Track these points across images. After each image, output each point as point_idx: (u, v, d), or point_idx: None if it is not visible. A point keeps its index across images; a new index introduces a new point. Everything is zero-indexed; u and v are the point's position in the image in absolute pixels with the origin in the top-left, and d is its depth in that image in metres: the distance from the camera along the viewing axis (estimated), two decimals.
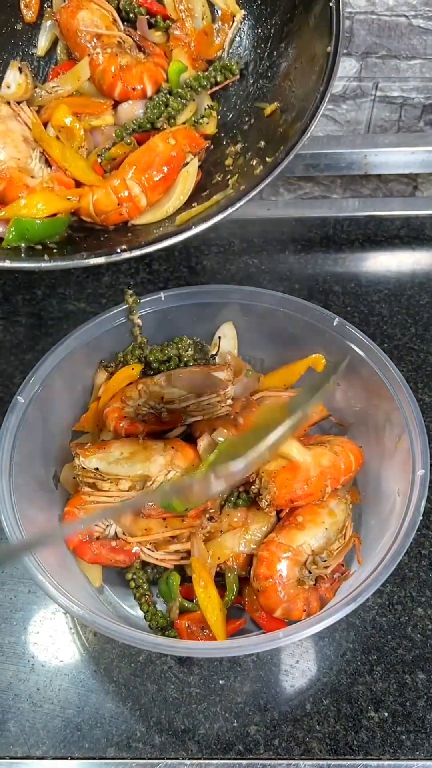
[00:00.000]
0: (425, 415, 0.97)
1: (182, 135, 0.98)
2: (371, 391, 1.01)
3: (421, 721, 0.88)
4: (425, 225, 1.47)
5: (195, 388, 1.00)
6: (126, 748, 0.87)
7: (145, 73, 1.02)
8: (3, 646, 0.95)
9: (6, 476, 0.90)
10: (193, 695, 0.90)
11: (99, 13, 1.03)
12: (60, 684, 0.92)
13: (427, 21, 1.33)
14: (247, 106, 1.01)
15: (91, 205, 0.93)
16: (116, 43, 1.03)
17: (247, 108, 1.01)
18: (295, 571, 0.89)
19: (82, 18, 1.02)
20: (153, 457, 0.95)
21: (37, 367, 1.00)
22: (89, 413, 1.07)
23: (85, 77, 1.01)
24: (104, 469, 0.95)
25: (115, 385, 1.05)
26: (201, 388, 1.00)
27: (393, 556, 0.83)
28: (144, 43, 1.06)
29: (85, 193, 0.93)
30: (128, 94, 1.01)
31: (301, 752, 0.86)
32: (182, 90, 1.01)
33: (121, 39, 1.04)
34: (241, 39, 1.04)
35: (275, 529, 0.93)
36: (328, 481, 0.94)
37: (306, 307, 1.07)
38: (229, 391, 1.01)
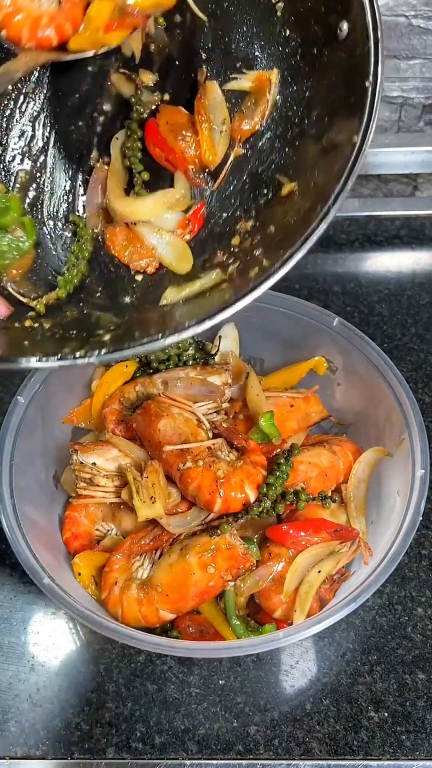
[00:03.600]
0: (425, 415, 0.97)
1: (224, 558, 0.86)
2: (371, 391, 1.02)
3: (421, 721, 0.88)
4: (425, 225, 1.47)
5: (190, 397, 1.00)
6: (126, 748, 0.87)
7: (246, 479, 0.91)
8: (3, 646, 0.95)
9: (6, 476, 0.90)
10: (193, 695, 0.90)
11: (182, 418, 0.95)
12: (60, 684, 0.92)
13: (427, 21, 1.33)
14: (267, 175, 0.89)
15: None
16: (206, 449, 0.93)
17: (268, 177, 0.88)
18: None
19: (165, 430, 0.93)
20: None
21: None
22: (80, 408, 1.07)
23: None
24: (101, 465, 0.96)
25: (109, 382, 1.05)
26: (196, 397, 1.01)
27: (393, 556, 0.83)
28: (233, 437, 0.96)
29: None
30: (229, 505, 0.90)
31: (301, 752, 0.86)
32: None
33: (212, 446, 0.94)
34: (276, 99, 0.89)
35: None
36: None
37: (306, 307, 1.07)
38: (225, 397, 1.02)
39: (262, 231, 0.86)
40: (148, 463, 0.94)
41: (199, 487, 0.90)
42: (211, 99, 0.90)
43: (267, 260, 0.76)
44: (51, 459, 1.03)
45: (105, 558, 0.94)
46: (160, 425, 0.95)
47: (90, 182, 0.92)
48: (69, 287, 0.84)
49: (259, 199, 0.89)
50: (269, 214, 0.86)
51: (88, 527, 0.98)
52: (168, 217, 0.90)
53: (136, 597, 0.87)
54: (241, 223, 0.89)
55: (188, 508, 0.94)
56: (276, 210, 0.85)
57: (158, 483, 0.91)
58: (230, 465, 0.92)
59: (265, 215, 0.87)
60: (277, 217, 0.84)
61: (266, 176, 0.88)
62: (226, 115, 0.90)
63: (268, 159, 0.89)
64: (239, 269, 0.83)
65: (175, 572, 0.86)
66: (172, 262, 0.88)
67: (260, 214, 0.88)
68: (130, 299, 0.89)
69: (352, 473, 0.98)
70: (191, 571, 0.85)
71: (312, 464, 0.97)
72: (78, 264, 0.86)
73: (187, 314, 0.79)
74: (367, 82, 0.76)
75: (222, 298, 0.78)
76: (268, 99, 0.88)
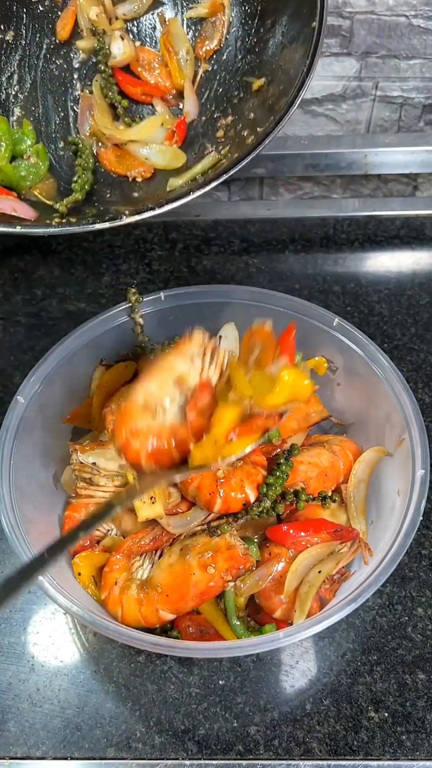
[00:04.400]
0: (425, 415, 0.97)
1: (224, 559, 0.85)
2: (371, 391, 1.01)
3: (421, 721, 0.88)
4: (425, 225, 1.47)
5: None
6: (126, 748, 0.87)
7: (245, 479, 0.92)
8: (3, 646, 0.95)
9: (6, 476, 0.90)
10: (193, 695, 0.90)
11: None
12: (60, 684, 0.92)
13: (427, 21, 1.33)
14: (236, 80, 1.03)
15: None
16: None
17: (236, 82, 1.03)
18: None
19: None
20: None
21: (37, 367, 1.00)
22: (80, 408, 1.07)
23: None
24: (101, 465, 0.96)
25: (109, 382, 1.05)
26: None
27: (393, 556, 0.83)
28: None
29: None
30: (229, 505, 0.91)
31: (301, 752, 0.86)
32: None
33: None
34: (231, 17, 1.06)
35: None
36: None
37: (306, 307, 1.07)
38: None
39: (242, 119, 0.99)
40: None
41: (199, 487, 0.90)
42: (174, 34, 1.08)
43: (260, 127, 0.90)
44: (51, 459, 1.03)
45: (105, 558, 0.94)
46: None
47: (79, 110, 1.08)
48: (83, 192, 0.99)
49: (233, 99, 1.03)
50: (245, 106, 1.00)
51: None
52: (155, 134, 1.05)
53: (136, 597, 0.87)
54: (221, 120, 1.02)
55: (188, 509, 0.94)
56: (251, 101, 0.99)
57: None
58: (230, 465, 0.92)
59: (241, 109, 1.01)
60: (254, 106, 0.97)
61: (235, 81, 1.03)
62: (188, 46, 1.07)
63: (234, 67, 1.04)
64: (233, 147, 0.96)
65: (175, 573, 0.86)
66: (166, 163, 1.03)
67: (236, 109, 1.02)
68: (138, 194, 1.03)
69: (352, 473, 0.98)
70: (191, 571, 0.85)
71: (312, 464, 0.97)
72: (85, 173, 1.01)
73: (201, 182, 0.91)
74: None
75: (229, 160, 0.92)
76: (223, 20, 1.05)
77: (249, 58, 1.03)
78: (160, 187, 1.01)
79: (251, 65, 1.02)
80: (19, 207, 0.95)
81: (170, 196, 0.88)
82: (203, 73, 1.07)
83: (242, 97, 1.02)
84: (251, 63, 1.02)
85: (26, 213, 0.95)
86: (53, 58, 1.08)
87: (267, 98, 0.95)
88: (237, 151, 0.93)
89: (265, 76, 0.98)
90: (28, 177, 1.02)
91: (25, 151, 1.04)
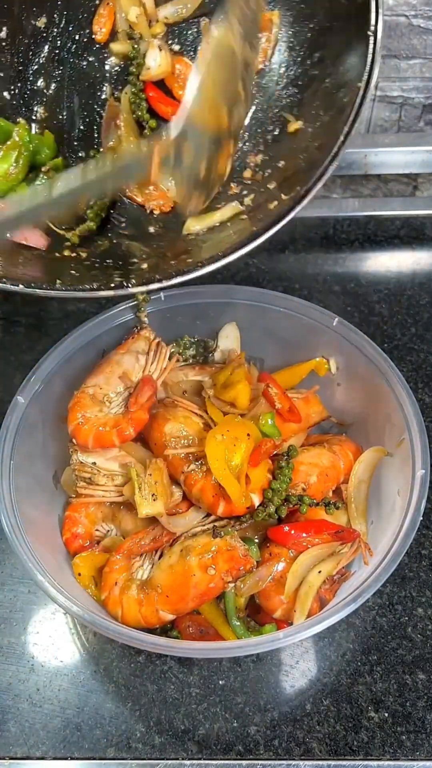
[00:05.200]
0: (425, 415, 0.97)
1: (224, 560, 0.85)
2: (371, 391, 1.01)
3: (421, 721, 0.88)
4: (425, 225, 1.47)
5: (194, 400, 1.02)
6: (126, 748, 0.87)
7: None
8: (3, 647, 0.95)
9: (6, 476, 0.90)
10: (193, 695, 0.90)
11: (187, 421, 0.97)
12: (60, 684, 0.92)
13: (427, 21, 1.33)
14: (273, 112, 0.95)
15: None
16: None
17: (274, 114, 0.95)
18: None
19: (170, 432, 0.96)
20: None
21: (37, 367, 1.00)
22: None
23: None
24: (101, 464, 0.96)
25: None
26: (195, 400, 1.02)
27: (393, 556, 0.83)
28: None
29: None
30: (233, 508, 0.90)
31: (301, 753, 0.86)
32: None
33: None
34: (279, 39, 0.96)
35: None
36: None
37: (306, 307, 1.07)
38: None
39: (272, 164, 0.92)
40: (153, 461, 0.94)
41: (203, 489, 0.90)
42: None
43: (284, 194, 0.83)
44: (51, 459, 1.03)
45: (105, 558, 0.94)
46: (166, 428, 0.95)
47: (103, 123, 0.99)
48: (97, 219, 0.92)
49: (266, 135, 0.95)
50: (278, 148, 0.92)
51: (88, 527, 0.98)
52: None
53: (136, 598, 0.87)
54: (251, 156, 0.95)
55: (188, 508, 0.94)
56: (284, 145, 0.92)
57: (161, 481, 0.91)
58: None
59: (274, 149, 0.93)
60: (286, 152, 0.91)
61: (272, 113, 0.95)
62: None
63: (273, 97, 0.95)
64: (255, 201, 0.90)
65: (176, 573, 0.86)
66: (187, 222, 0.93)
67: (269, 148, 0.94)
68: (154, 229, 0.96)
69: (352, 474, 0.98)
70: (191, 572, 0.85)
71: (312, 464, 0.97)
72: (102, 198, 0.93)
73: (214, 246, 0.85)
74: (369, 31, 0.79)
75: (245, 230, 0.85)
76: (270, 39, 0.94)
77: (290, 90, 0.94)
78: (175, 227, 0.94)
79: (291, 100, 0.94)
80: (30, 235, 0.88)
81: (179, 268, 0.80)
82: None
83: (276, 135, 0.94)
84: (292, 97, 0.94)
85: (37, 241, 0.89)
86: (86, 54, 0.99)
87: (299, 150, 0.88)
88: (261, 213, 0.86)
89: (303, 120, 0.90)
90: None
91: (43, 163, 0.95)
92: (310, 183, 0.80)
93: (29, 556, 0.85)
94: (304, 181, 0.81)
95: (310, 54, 0.91)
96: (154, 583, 0.87)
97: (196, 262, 0.80)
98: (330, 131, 0.81)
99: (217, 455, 0.88)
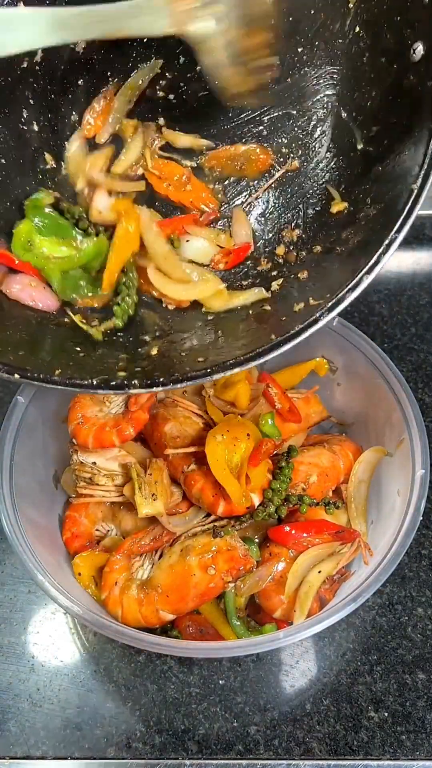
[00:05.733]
0: (425, 415, 0.97)
1: (224, 559, 0.85)
2: (371, 391, 1.01)
3: (421, 721, 0.88)
4: (425, 225, 1.47)
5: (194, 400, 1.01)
6: (126, 748, 0.87)
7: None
8: (3, 646, 0.95)
9: (6, 476, 0.90)
10: (193, 695, 0.90)
11: (188, 421, 0.97)
12: (60, 684, 0.92)
13: None
14: (318, 181, 0.85)
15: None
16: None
17: (318, 185, 0.84)
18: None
19: (170, 432, 0.96)
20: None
21: None
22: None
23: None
24: (101, 464, 0.96)
25: None
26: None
27: (393, 556, 0.83)
28: None
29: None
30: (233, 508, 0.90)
31: (301, 752, 0.86)
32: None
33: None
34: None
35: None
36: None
37: None
38: None
39: (308, 247, 0.83)
40: (153, 461, 0.94)
41: (203, 489, 0.90)
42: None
43: (313, 298, 0.73)
44: (51, 459, 1.03)
45: (105, 558, 0.94)
46: (167, 428, 0.95)
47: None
48: (125, 317, 0.82)
49: (307, 208, 0.85)
50: (317, 229, 0.83)
51: (88, 527, 0.98)
52: (204, 252, 0.88)
53: (136, 597, 0.87)
54: (288, 230, 0.86)
55: (188, 508, 0.94)
56: (324, 228, 0.82)
57: (161, 481, 0.91)
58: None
59: (312, 228, 0.84)
60: (324, 237, 0.81)
61: (317, 183, 0.85)
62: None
63: (321, 162, 0.85)
64: (282, 291, 0.81)
65: (176, 573, 0.86)
66: (204, 294, 0.85)
67: (308, 226, 0.85)
68: (168, 321, 0.86)
69: (352, 474, 0.98)
70: (192, 572, 0.85)
71: (312, 464, 0.97)
72: (130, 295, 0.84)
73: (228, 349, 0.76)
74: (427, 128, 0.66)
75: (262, 335, 0.74)
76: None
77: (340, 160, 0.83)
78: (196, 305, 0.85)
79: (340, 173, 0.83)
80: (39, 296, 0.80)
81: (184, 372, 0.72)
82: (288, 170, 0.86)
83: (318, 211, 0.83)
84: (340, 170, 0.83)
85: (46, 304, 0.80)
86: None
87: (339, 242, 0.78)
88: (284, 311, 0.76)
89: (348, 203, 0.79)
90: (81, 291, 0.83)
91: (96, 268, 0.85)
92: (340, 292, 0.70)
93: (29, 556, 0.85)
94: (334, 288, 0.71)
95: (367, 124, 0.79)
96: (154, 583, 0.87)
97: (205, 368, 0.71)
98: (373, 231, 0.71)
99: (217, 455, 0.88)
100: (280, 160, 0.86)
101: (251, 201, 0.87)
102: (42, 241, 0.82)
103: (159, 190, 0.87)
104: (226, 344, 0.77)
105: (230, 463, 0.88)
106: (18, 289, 0.79)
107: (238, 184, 0.87)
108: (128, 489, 0.93)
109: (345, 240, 0.77)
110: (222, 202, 0.87)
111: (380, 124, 0.76)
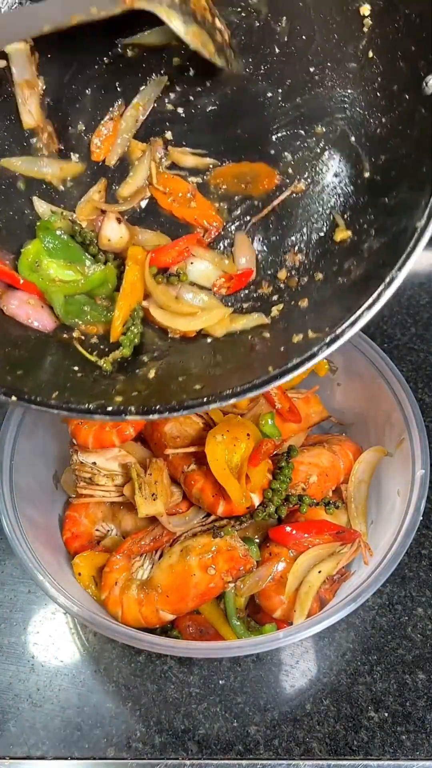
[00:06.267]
0: (425, 415, 0.97)
1: (224, 560, 0.86)
2: (371, 391, 1.02)
3: (421, 721, 0.88)
4: None
5: None
6: (126, 748, 0.87)
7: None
8: (3, 646, 0.95)
9: (6, 476, 0.90)
10: (193, 695, 0.90)
11: (188, 422, 0.96)
12: (60, 684, 0.92)
13: None
14: (324, 206, 0.83)
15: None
16: None
17: (324, 210, 0.83)
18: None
19: (170, 432, 0.96)
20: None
21: None
22: None
23: None
24: (101, 464, 0.96)
25: None
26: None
27: (393, 556, 0.83)
28: None
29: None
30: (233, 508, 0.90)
31: (301, 752, 0.86)
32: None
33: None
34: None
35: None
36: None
37: None
38: None
39: (310, 273, 0.82)
40: (153, 461, 0.94)
41: (203, 489, 0.90)
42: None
43: (312, 330, 0.73)
44: (51, 459, 1.03)
45: (105, 558, 0.94)
46: (167, 428, 0.95)
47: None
48: (131, 346, 0.82)
49: (311, 233, 0.84)
50: (320, 255, 0.82)
51: (88, 527, 0.98)
52: (207, 274, 0.87)
53: (136, 597, 0.87)
54: (290, 254, 0.85)
55: (188, 508, 0.94)
56: (327, 255, 0.81)
57: (161, 481, 0.91)
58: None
59: (315, 254, 0.83)
60: (327, 265, 0.80)
61: (323, 207, 0.84)
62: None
63: (328, 187, 0.84)
64: (282, 317, 0.80)
65: (176, 573, 0.86)
66: (208, 323, 0.84)
67: (311, 251, 0.83)
68: (171, 346, 0.85)
69: (352, 474, 0.98)
70: (192, 572, 0.85)
71: (312, 464, 0.97)
72: (136, 325, 0.83)
73: (226, 377, 0.75)
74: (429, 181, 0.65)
75: (259, 366, 0.73)
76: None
77: (347, 187, 0.82)
78: (192, 342, 0.84)
79: (345, 199, 0.81)
80: (35, 315, 0.79)
81: (183, 402, 0.71)
82: (293, 192, 0.85)
83: (322, 237, 0.82)
84: (347, 196, 0.81)
85: (42, 324, 0.79)
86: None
87: (341, 272, 0.77)
88: (284, 341, 0.76)
89: (353, 231, 0.78)
90: (84, 316, 0.82)
91: (101, 294, 0.85)
92: (339, 328, 0.70)
93: (29, 556, 0.85)
94: (334, 321, 0.70)
95: (376, 153, 0.77)
96: (154, 583, 0.87)
97: (201, 397, 0.71)
98: (376, 266, 0.70)
99: (217, 455, 0.88)
100: (286, 181, 0.84)
101: (256, 221, 0.86)
102: (49, 263, 0.82)
103: (163, 205, 0.86)
104: (224, 371, 0.77)
105: (230, 463, 0.88)
106: (15, 305, 0.79)
107: (243, 202, 0.86)
108: (128, 489, 0.93)
109: (347, 271, 0.76)
110: (227, 221, 0.86)
111: (389, 153, 0.75)
